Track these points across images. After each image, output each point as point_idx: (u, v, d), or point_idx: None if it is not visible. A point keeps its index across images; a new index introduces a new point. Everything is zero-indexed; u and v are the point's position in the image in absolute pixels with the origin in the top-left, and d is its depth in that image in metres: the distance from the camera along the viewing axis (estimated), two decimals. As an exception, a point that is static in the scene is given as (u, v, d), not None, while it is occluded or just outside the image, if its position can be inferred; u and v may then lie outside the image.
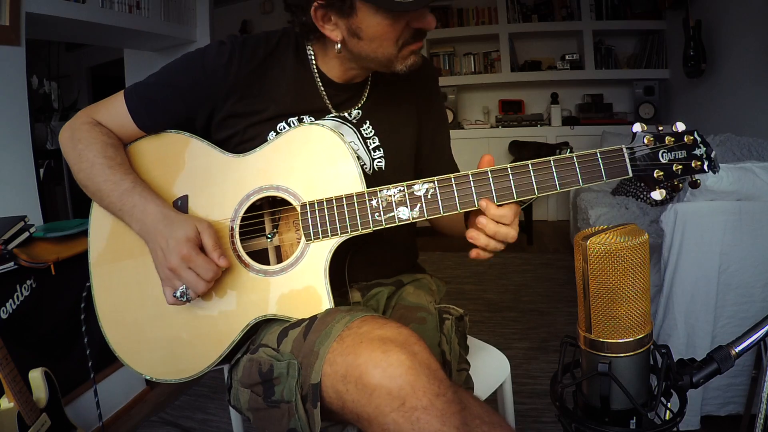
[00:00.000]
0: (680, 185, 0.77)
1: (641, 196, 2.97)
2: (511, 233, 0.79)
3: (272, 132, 0.94)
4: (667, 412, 0.66)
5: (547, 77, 4.51)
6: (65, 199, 3.45)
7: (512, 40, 4.55)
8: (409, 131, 1.05)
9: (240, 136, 0.95)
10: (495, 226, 0.78)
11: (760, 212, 1.41)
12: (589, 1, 4.31)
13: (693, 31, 3.23)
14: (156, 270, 0.85)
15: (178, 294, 0.82)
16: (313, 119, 0.95)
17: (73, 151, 0.93)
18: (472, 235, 0.80)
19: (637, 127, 0.77)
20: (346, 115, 0.99)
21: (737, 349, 0.68)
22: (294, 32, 0.97)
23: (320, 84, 0.97)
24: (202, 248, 0.83)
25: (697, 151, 0.75)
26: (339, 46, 0.88)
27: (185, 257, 0.80)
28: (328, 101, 0.97)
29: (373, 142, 0.99)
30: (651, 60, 4.27)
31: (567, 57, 4.44)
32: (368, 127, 0.99)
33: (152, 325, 0.90)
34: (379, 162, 0.99)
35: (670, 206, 1.47)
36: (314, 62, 0.97)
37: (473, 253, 0.82)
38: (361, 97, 1.00)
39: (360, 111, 1.00)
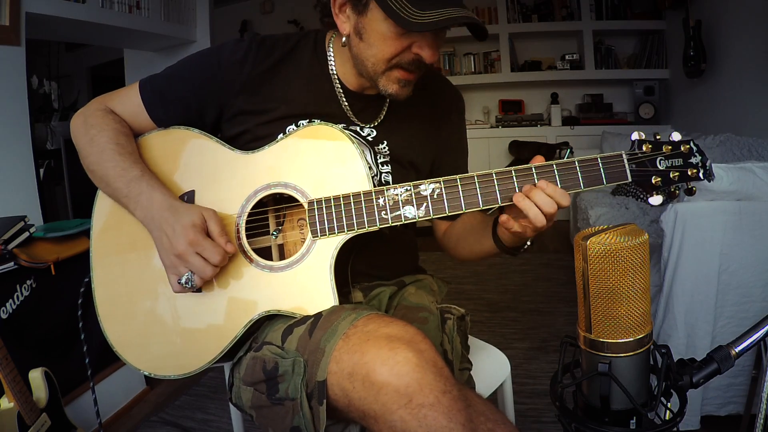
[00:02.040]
0: (677, 192, 0.79)
1: (641, 196, 2.96)
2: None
3: (281, 134, 0.93)
4: (667, 412, 0.66)
5: (547, 77, 4.51)
6: (65, 199, 3.45)
7: (512, 40, 4.55)
8: (425, 151, 1.04)
9: (251, 133, 0.94)
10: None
11: (760, 212, 1.41)
12: (589, 1, 4.31)
13: (693, 31, 3.23)
14: (160, 257, 0.85)
15: (183, 281, 0.81)
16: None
17: (84, 135, 0.93)
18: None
19: (635, 135, 0.79)
20: (358, 129, 0.97)
21: (737, 349, 0.69)
22: (315, 34, 0.97)
23: (339, 88, 0.96)
24: (208, 235, 0.82)
25: (693, 160, 0.78)
26: (344, 39, 0.90)
27: (192, 242, 0.80)
28: (346, 107, 0.96)
29: (384, 157, 0.98)
30: (651, 60, 4.27)
31: (567, 57, 4.44)
32: (384, 147, 0.99)
33: (153, 320, 0.90)
34: (386, 177, 0.99)
35: (670, 206, 1.47)
36: (333, 66, 0.96)
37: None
38: (378, 112, 0.99)
39: (374, 130, 0.98)
